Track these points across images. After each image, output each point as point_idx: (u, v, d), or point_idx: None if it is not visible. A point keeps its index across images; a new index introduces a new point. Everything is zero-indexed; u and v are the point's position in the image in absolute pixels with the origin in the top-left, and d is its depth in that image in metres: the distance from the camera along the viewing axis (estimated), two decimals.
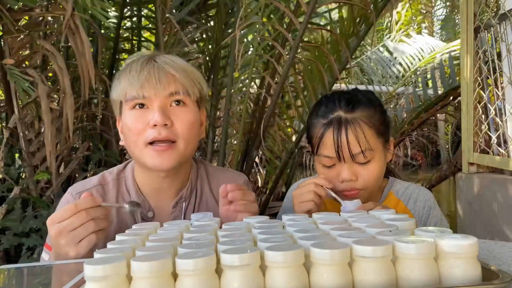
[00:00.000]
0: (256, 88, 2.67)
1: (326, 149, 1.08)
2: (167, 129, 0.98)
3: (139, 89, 0.98)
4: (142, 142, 0.99)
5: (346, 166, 1.08)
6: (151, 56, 1.04)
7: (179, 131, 1.00)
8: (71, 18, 1.67)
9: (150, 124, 0.98)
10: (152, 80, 0.98)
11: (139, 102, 0.99)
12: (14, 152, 2.15)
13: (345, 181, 1.08)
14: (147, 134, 0.98)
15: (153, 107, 0.99)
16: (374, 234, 0.64)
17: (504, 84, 2.01)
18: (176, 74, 1.01)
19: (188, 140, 1.01)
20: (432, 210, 1.19)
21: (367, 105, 1.10)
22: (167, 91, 0.99)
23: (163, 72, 1.00)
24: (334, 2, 2.44)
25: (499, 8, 2.03)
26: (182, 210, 1.10)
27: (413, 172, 8.41)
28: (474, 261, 0.57)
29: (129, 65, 1.03)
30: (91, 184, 1.09)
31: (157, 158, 0.99)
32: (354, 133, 1.05)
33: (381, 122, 1.11)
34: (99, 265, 0.53)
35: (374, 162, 1.09)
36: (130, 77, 1.00)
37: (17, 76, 1.68)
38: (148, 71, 0.99)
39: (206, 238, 0.65)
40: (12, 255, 2.07)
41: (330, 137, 1.07)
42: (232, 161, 2.78)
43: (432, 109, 3.19)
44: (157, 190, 1.09)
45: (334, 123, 1.07)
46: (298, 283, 0.53)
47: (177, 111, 1.01)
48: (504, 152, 2.03)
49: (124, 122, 1.03)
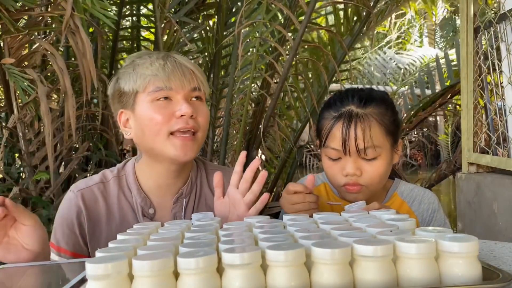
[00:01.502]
0: (257, 88, 2.67)
1: (333, 142, 1.09)
2: (193, 120, 1.02)
3: (166, 80, 1.01)
4: (166, 131, 1.01)
5: (351, 160, 1.08)
6: (166, 53, 1.08)
7: (201, 122, 1.04)
8: (71, 18, 1.67)
9: (176, 114, 1.00)
10: (178, 73, 1.02)
11: (164, 94, 1.01)
12: (14, 151, 2.15)
13: (349, 175, 1.08)
14: (172, 123, 1.00)
15: (177, 99, 1.02)
16: (375, 234, 0.64)
17: (504, 84, 2.01)
18: (195, 70, 1.06)
19: (205, 132, 1.07)
20: (436, 213, 1.18)
21: (379, 103, 1.11)
22: (192, 85, 1.03)
23: (185, 67, 1.04)
24: (333, 3, 2.45)
25: (499, 8, 2.03)
26: (182, 206, 1.11)
27: (412, 172, 8.41)
28: (474, 261, 0.57)
29: (144, 58, 1.05)
30: (93, 181, 1.10)
31: (181, 147, 1.01)
32: (363, 128, 1.06)
33: (391, 122, 1.11)
34: (100, 263, 0.53)
35: (380, 160, 1.09)
36: (153, 69, 1.02)
37: (16, 75, 1.68)
38: (172, 65, 1.03)
39: (207, 238, 0.66)
40: None
41: (338, 130, 1.07)
42: (232, 161, 2.78)
43: (430, 107, 3.19)
44: (161, 186, 1.10)
45: (345, 117, 1.08)
46: (299, 282, 0.53)
47: (198, 105, 1.05)
48: (503, 152, 2.03)
49: (140, 113, 1.03)
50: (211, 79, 2.73)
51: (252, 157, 2.55)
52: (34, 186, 2.02)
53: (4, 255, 0.88)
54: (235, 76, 2.40)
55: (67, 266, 0.82)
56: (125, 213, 1.08)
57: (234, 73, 2.41)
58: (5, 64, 1.73)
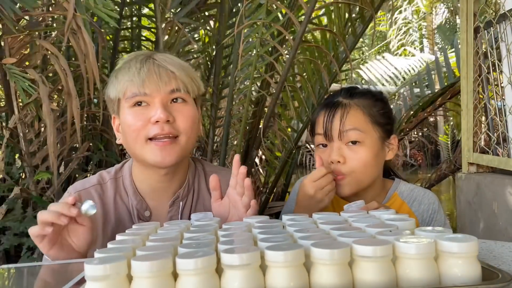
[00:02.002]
0: (257, 88, 2.67)
1: (319, 127, 1.15)
2: (169, 125, 0.99)
3: (140, 86, 0.99)
4: (143, 137, 0.99)
5: (335, 146, 1.11)
6: (149, 54, 1.05)
7: (181, 126, 1.01)
8: (73, 18, 1.66)
9: (152, 120, 0.98)
10: (153, 77, 0.99)
11: (140, 99, 0.99)
12: (16, 151, 2.15)
13: (333, 163, 1.11)
14: (148, 129, 0.99)
15: (154, 104, 0.99)
16: (374, 234, 0.64)
17: (504, 84, 2.01)
18: (176, 71, 1.01)
19: (189, 135, 1.02)
20: (436, 213, 1.19)
21: (368, 96, 1.17)
22: (169, 88, 1.00)
23: (163, 69, 1.00)
24: (332, 3, 2.44)
25: (499, 8, 2.03)
26: (179, 209, 1.10)
27: (413, 172, 8.41)
28: (474, 261, 0.57)
29: (127, 63, 1.03)
30: (90, 183, 1.10)
31: (159, 153, 0.99)
32: (344, 113, 1.11)
33: (380, 114, 1.14)
34: (99, 264, 0.53)
35: (363, 147, 1.10)
36: (130, 74, 1.00)
37: (17, 75, 1.68)
38: (148, 68, 1.00)
39: (207, 238, 0.66)
40: (12, 255, 2.07)
41: (323, 115, 1.14)
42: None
43: (430, 107, 3.18)
44: (155, 189, 1.09)
45: (332, 105, 1.14)
46: (298, 282, 0.53)
47: (179, 107, 1.02)
48: (503, 152, 2.03)
49: (122, 120, 1.03)
50: (211, 79, 2.73)
51: (252, 157, 2.55)
52: (34, 186, 2.02)
53: (57, 254, 0.88)
54: (235, 76, 2.40)
55: (66, 266, 0.82)
56: (121, 216, 1.08)
57: (234, 73, 2.41)
58: (6, 64, 1.73)
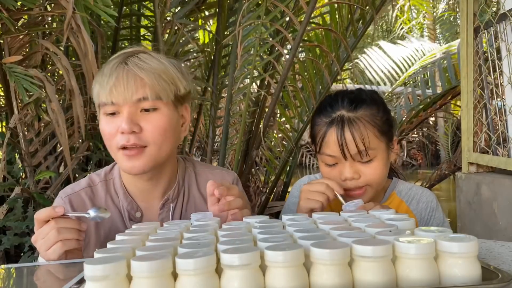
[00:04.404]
0: (256, 88, 2.67)
1: (328, 148, 1.09)
2: (135, 135, 0.96)
3: (108, 95, 0.96)
4: (115, 146, 0.98)
5: (348, 164, 1.08)
6: (125, 57, 1.00)
7: (149, 136, 0.97)
8: (72, 17, 1.66)
9: (119, 130, 0.96)
10: (120, 86, 0.95)
11: (108, 108, 0.98)
12: (18, 151, 2.15)
13: (348, 180, 1.09)
14: (117, 139, 0.97)
15: (122, 113, 0.96)
16: (374, 234, 0.64)
17: (504, 84, 2.01)
18: (146, 77, 0.96)
19: (160, 144, 0.98)
20: (434, 212, 1.19)
21: (370, 105, 1.11)
22: (135, 97, 0.95)
23: (132, 76, 0.96)
24: (332, 3, 2.44)
25: (499, 8, 2.03)
26: (169, 211, 1.09)
27: (413, 172, 8.40)
28: (474, 261, 0.57)
29: (106, 65, 1.01)
30: (80, 186, 1.09)
31: (128, 162, 0.98)
32: (357, 132, 1.06)
33: (384, 121, 1.11)
34: (99, 264, 0.53)
35: (376, 161, 1.09)
36: (101, 81, 0.98)
37: (17, 75, 1.68)
38: (116, 76, 0.96)
39: (206, 238, 0.65)
40: (12, 255, 2.07)
41: (332, 136, 1.08)
42: (232, 161, 2.78)
43: (431, 108, 3.19)
44: (143, 191, 1.08)
45: (337, 122, 1.08)
46: (298, 282, 0.53)
47: (148, 117, 0.97)
48: (503, 152, 2.03)
49: (99, 126, 1.02)
50: (211, 78, 2.73)
51: (252, 157, 2.55)
52: (34, 186, 2.02)
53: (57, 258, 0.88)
54: (234, 75, 2.40)
55: (66, 266, 0.82)
56: (113, 217, 1.07)
57: (233, 73, 2.40)
58: (6, 64, 1.72)
